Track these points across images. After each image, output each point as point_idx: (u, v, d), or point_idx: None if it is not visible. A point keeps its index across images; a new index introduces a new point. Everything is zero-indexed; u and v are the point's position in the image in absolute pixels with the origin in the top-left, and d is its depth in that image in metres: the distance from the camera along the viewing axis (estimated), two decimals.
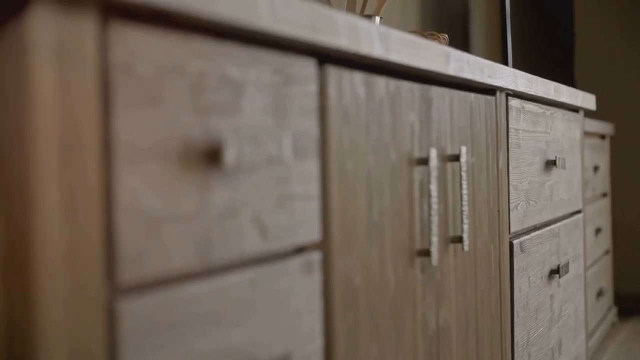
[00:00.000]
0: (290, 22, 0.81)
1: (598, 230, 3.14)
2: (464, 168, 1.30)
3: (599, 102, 4.07)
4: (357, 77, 1.00)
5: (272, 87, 0.83)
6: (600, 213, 3.23)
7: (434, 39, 1.85)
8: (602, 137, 3.36)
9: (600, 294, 3.15)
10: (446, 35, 1.88)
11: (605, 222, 3.36)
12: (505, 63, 3.09)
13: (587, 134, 2.95)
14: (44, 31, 0.56)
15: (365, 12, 1.74)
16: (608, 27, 4.12)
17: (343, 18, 0.92)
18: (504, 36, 3.09)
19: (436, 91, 1.26)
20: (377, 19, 1.69)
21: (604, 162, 3.34)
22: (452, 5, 3.39)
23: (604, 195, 3.38)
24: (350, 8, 1.73)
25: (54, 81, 0.57)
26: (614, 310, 3.45)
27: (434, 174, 1.17)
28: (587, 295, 2.42)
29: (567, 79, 3.76)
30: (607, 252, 3.39)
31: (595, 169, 3.12)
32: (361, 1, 1.72)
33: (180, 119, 0.69)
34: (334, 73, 0.94)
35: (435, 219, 1.17)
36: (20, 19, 0.55)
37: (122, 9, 0.63)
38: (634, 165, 4.04)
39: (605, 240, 3.36)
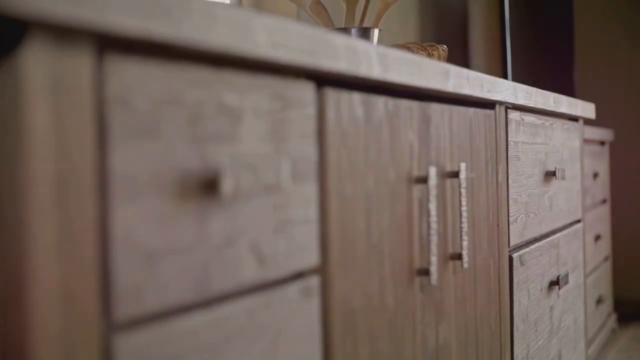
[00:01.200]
0: (288, 48, 0.81)
1: (597, 237, 3.13)
2: (463, 185, 1.29)
3: (598, 107, 4.07)
4: (356, 98, 1.00)
5: (270, 113, 0.82)
6: (600, 219, 3.22)
7: (433, 51, 1.84)
8: (602, 143, 3.36)
9: (599, 301, 3.15)
10: (445, 47, 1.87)
11: (605, 229, 3.36)
12: (505, 71, 3.08)
13: (586, 141, 2.94)
14: (39, 67, 0.55)
15: (364, 25, 1.73)
16: (608, 32, 4.11)
17: (341, 41, 0.92)
18: (503, 44, 3.09)
19: (435, 108, 1.25)
20: (376, 31, 1.68)
21: (603, 169, 3.33)
22: (452, 15, 3.39)
23: (604, 201, 3.37)
24: (349, 21, 1.72)
25: (49, 117, 0.56)
26: (614, 317, 3.44)
27: (433, 192, 1.16)
28: (586, 303, 2.42)
29: (567, 84, 3.76)
30: (606, 259, 3.39)
31: (595, 175, 3.12)
32: (360, 14, 1.71)
33: (177, 150, 0.69)
34: (332, 95, 0.94)
35: (434, 238, 1.16)
36: (15, 55, 0.55)
37: (118, 42, 0.62)
38: (633, 170, 4.03)
39: (605, 247, 3.35)
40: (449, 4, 3.37)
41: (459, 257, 1.30)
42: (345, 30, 1.68)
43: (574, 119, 2.28)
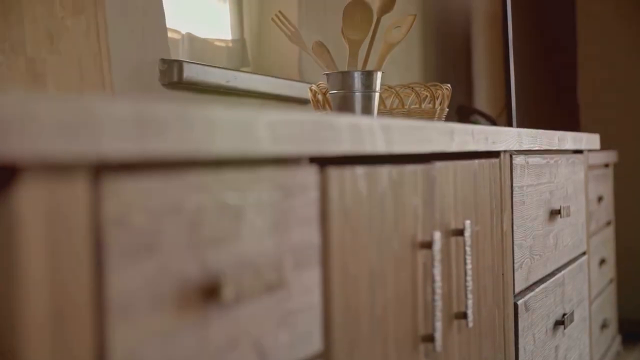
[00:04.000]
0: (290, 140, 0.79)
1: (602, 262, 3.11)
2: (468, 243, 1.27)
3: (602, 126, 4.05)
4: (359, 172, 0.98)
5: (272, 205, 0.81)
6: (605, 243, 3.20)
7: (437, 90, 1.82)
8: (606, 165, 3.34)
9: (604, 325, 3.13)
10: (449, 86, 1.85)
11: (610, 251, 3.33)
12: (509, 101, 3.06)
13: (590, 166, 2.92)
14: (32, 202, 0.54)
15: (368, 66, 1.71)
16: (612, 51, 4.10)
17: (344, 121, 0.90)
18: (507, 74, 3.07)
19: (440, 167, 1.23)
20: (379, 74, 1.67)
21: (607, 191, 3.31)
22: (454, 51, 3.37)
23: (608, 223, 3.35)
24: (352, 63, 1.70)
25: (44, 247, 0.55)
26: (619, 339, 3.42)
27: (438, 257, 1.15)
28: (591, 334, 2.40)
29: (570, 106, 3.74)
30: (611, 281, 3.37)
31: (599, 199, 3.10)
32: (362, 58, 1.69)
33: (177, 261, 0.67)
34: (335, 174, 0.92)
35: (438, 304, 1.15)
36: (8, 189, 0.53)
37: (115, 164, 0.61)
38: (638, 190, 4.01)
39: (610, 269, 3.33)
40: (451, 41, 3.36)
41: (463, 316, 1.28)
42: (348, 73, 1.66)
43: (579, 151, 2.26)
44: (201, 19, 2.03)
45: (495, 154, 1.53)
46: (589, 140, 2.26)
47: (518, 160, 1.64)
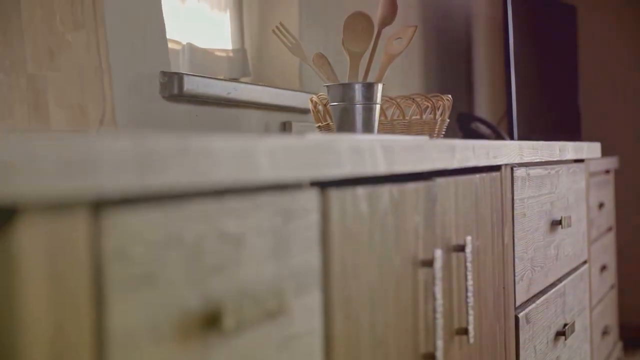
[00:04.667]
0: (290, 166, 0.79)
1: (603, 268, 3.11)
2: (469, 259, 1.27)
3: (603, 132, 4.04)
4: (360, 192, 0.98)
5: (273, 230, 0.80)
6: (606, 249, 3.20)
7: (438, 101, 1.82)
8: (607, 171, 3.33)
9: (605, 332, 3.12)
10: (450, 97, 1.85)
11: (610, 257, 3.33)
12: (510, 108, 3.06)
13: (592, 173, 2.92)
14: (33, 239, 0.54)
15: (368, 78, 1.71)
16: (614, 56, 4.09)
17: (344, 144, 0.90)
18: (508, 84, 3.06)
19: (441, 183, 1.23)
20: (380, 85, 1.67)
21: (608, 197, 3.31)
22: (455, 57, 3.37)
23: (609, 229, 3.35)
24: (353, 75, 1.70)
25: (44, 284, 0.55)
26: (620, 345, 3.42)
27: (439, 275, 1.14)
28: (592, 342, 2.39)
29: (572, 113, 3.74)
30: (612, 287, 3.36)
31: (600, 205, 3.09)
32: (363, 70, 1.69)
33: (178, 291, 0.67)
34: (336, 196, 0.92)
35: (440, 322, 1.14)
36: (8, 228, 0.53)
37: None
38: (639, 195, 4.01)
39: (611, 275, 3.33)
40: (452, 48, 3.36)
41: (465, 331, 1.28)
42: (348, 85, 1.66)
43: (580, 160, 2.26)
44: (202, 29, 2.03)
45: (496, 168, 1.52)
46: (590, 149, 2.26)
47: (519, 172, 1.64)
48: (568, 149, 1.99)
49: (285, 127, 2.11)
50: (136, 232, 0.63)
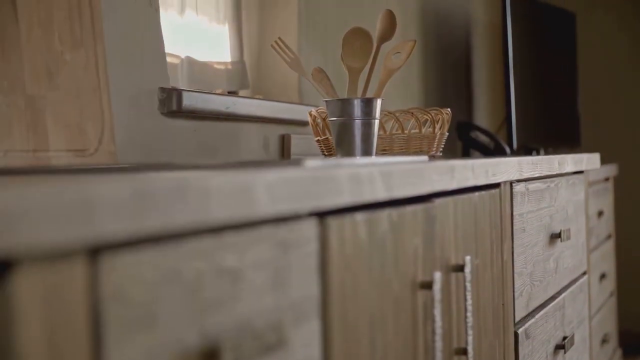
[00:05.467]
0: (289, 199, 0.79)
1: (603, 276, 3.11)
2: (468, 279, 1.27)
3: (602, 139, 4.04)
4: (359, 218, 0.98)
5: (271, 262, 0.80)
6: (605, 257, 3.20)
7: (437, 115, 1.82)
8: (606, 179, 3.33)
9: (605, 340, 3.12)
10: (449, 110, 1.85)
11: (610, 265, 3.33)
12: (509, 116, 3.06)
13: (591, 182, 2.92)
14: (30, 288, 0.53)
15: (367, 93, 1.71)
16: (613, 63, 4.09)
17: (343, 173, 0.90)
18: (507, 90, 3.06)
19: (440, 204, 1.23)
20: (379, 101, 1.66)
21: (608, 205, 3.31)
22: (453, 65, 3.37)
23: (609, 237, 3.35)
24: (352, 91, 1.70)
25: (42, 331, 0.54)
26: (619, 353, 3.42)
27: (438, 297, 1.14)
28: (592, 348, 2.39)
29: (571, 117, 3.73)
30: (611, 295, 3.36)
31: (600, 214, 3.09)
32: (362, 85, 1.69)
33: (176, 330, 0.67)
34: (335, 224, 0.92)
35: (439, 344, 1.14)
36: (4, 278, 0.53)
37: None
38: (639, 201, 4.01)
39: (610, 283, 3.32)
40: (451, 57, 3.36)
41: (464, 352, 1.28)
42: (347, 101, 1.66)
43: (580, 171, 2.26)
44: (201, 41, 2.03)
45: (495, 185, 1.52)
46: (590, 161, 2.25)
47: (518, 188, 1.64)
48: (567, 162, 1.98)
49: (284, 140, 2.11)
50: (134, 273, 0.62)
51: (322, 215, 0.92)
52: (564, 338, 1.94)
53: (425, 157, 1.32)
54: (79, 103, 1.36)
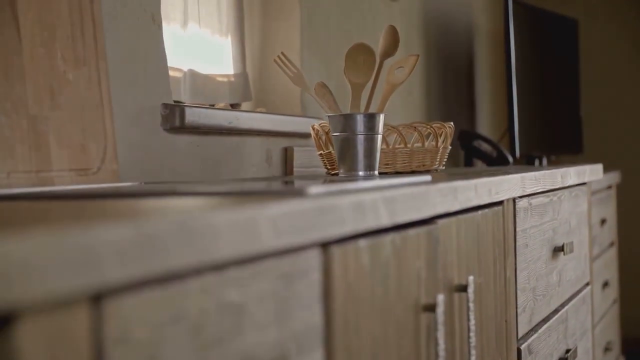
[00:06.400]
0: (293, 232, 0.79)
1: (605, 284, 3.10)
2: (471, 299, 1.27)
3: (605, 146, 4.04)
4: (362, 245, 0.98)
5: (274, 295, 0.80)
6: (607, 265, 3.19)
7: (440, 129, 1.82)
8: (609, 187, 3.33)
9: (608, 348, 3.12)
10: (452, 124, 1.85)
11: (612, 272, 3.33)
12: (512, 124, 3.06)
13: (594, 191, 2.92)
14: (33, 335, 0.53)
15: (370, 108, 1.71)
16: (616, 69, 4.09)
17: (346, 201, 0.89)
18: (509, 98, 3.06)
19: (443, 225, 1.23)
20: (382, 116, 1.66)
21: (610, 212, 3.31)
22: (456, 74, 3.37)
23: (611, 244, 3.34)
24: (355, 106, 1.70)
25: None
26: None
27: (441, 320, 1.14)
28: (594, 358, 2.39)
29: (573, 124, 3.73)
30: (614, 301, 3.36)
31: (602, 222, 3.09)
32: (365, 100, 1.69)
33: None
34: (338, 252, 0.92)
35: None
36: (8, 327, 0.53)
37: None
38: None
39: (613, 290, 3.32)
40: (453, 65, 3.36)
41: None
42: (350, 116, 1.65)
43: (582, 183, 2.26)
44: (203, 54, 2.03)
45: (498, 202, 1.52)
46: (592, 172, 2.25)
47: (521, 204, 1.64)
48: (570, 175, 1.98)
49: (287, 153, 2.11)
50: (137, 315, 0.62)
51: (325, 244, 0.92)
52: (567, 351, 1.94)
53: (428, 177, 1.32)
54: (81, 122, 1.36)
